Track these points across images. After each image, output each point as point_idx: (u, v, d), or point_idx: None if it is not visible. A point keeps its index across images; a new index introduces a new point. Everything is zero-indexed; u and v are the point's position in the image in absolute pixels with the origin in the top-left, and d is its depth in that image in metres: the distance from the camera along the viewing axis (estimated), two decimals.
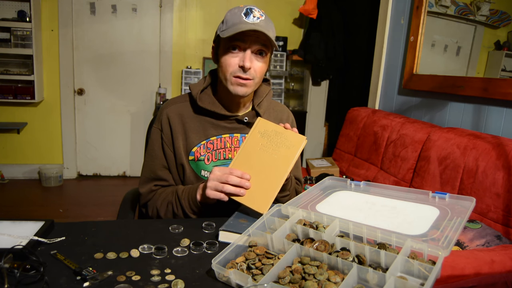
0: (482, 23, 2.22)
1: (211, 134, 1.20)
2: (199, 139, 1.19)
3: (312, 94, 4.18)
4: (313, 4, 3.66)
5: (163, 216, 1.17)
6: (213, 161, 1.19)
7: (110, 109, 3.94)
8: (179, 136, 1.19)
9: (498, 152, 1.55)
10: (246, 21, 1.06)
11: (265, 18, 1.09)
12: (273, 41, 1.09)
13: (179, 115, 1.21)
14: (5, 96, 3.45)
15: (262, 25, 1.07)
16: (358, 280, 0.70)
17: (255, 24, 1.06)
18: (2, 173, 3.72)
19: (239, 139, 1.21)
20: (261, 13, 1.10)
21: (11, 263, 0.73)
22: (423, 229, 0.80)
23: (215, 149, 1.19)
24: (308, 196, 1.03)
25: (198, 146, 1.19)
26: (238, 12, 1.09)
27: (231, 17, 1.09)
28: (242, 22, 1.06)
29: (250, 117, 1.21)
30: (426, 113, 2.38)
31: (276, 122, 1.27)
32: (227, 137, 1.21)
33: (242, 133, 1.22)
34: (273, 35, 1.11)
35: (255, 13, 1.08)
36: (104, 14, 3.75)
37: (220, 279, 0.76)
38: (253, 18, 1.07)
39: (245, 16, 1.07)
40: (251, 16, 1.07)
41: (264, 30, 1.06)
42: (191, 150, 1.19)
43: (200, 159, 1.19)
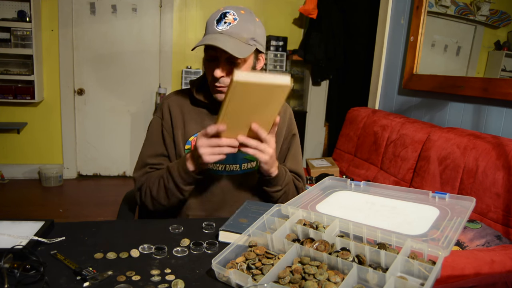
0: (482, 23, 2.22)
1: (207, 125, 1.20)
2: (197, 129, 1.22)
3: (312, 94, 4.18)
4: (313, 4, 3.66)
5: (155, 195, 1.15)
6: None
7: (110, 109, 3.94)
8: (178, 125, 1.22)
9: (498, 152, 1.55)
10: (216, 29, 1.08)
11: (238, 22, 1.08)
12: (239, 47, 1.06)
13: (179, 105, 1.24)
14: (5, 96, 3.45)
15: (231, 31, 1.07)
16: (358, 280, 0.70)
17: (222, 32, 1.07)
18: (2, 173, 3.72)
19: None
20: (236, 16, 1.09)
21: (11, 263, 0.73)
22: (423, 229, 0.80)
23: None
24: (308, 196, 1.03)
25: (195, 136, 1.21)
26: (213, 17, 1.11)
27: (208, 22, 1.13)
28: (211, 31, 1.09)
29: None
30: (426, 113, 2.38)
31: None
32: None
33: None
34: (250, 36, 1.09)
35: (228, 17, 1.09)
36: (104, 14, 3.75)
37: (220, 279, 0.76)
38: (223, 25, 1.08)
39: (217, 23, 1.09)
40: (222, 23, 1.08)
41: (225, 40, 1.05)
42: (188, 139, 1.22)
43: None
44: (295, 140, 1.35)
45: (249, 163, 1.25)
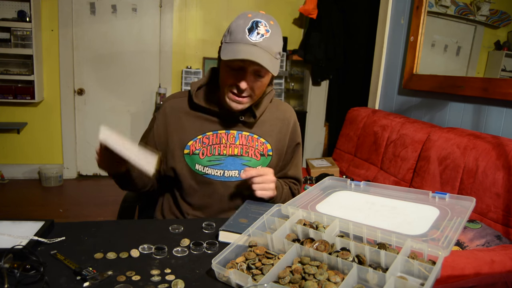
0: (482, 23, 2.22)
1: (207, 129, 1.21)
2: (195, 133, 1.20)
3: (312, 94, 4.18)
4: (313, 4, 3.66)
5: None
6: (207, 155, 1.19)
7: (110, 109, 3.94)
8: (173, 131, 1.21)
9: (498, 152, 1.55)
10: (249, 39, 1.04)
11: (271, 34, 1.06)
12: (271, 62, 1.06)
13: (176, 109, 1.23)
14: (5, 96, 3.45)
15: (264, 44, 1.04)
16: (358, 280, 0.70)
17: (256, 44, 1.04)
18: (2, 173, 3.72)
19: (235, 135, 1.21)
20: (269, 27, 1.06)
21: (11, 263, 0.73)
22: (423, 229, 0.80)
23: (210, 144, 1.20)
24: (308, 196, 1.03)
25: (194, 140, 1.20)
26: (243, 25, 1.06)
27: (235, 28, 1.07)
28: (243, 41, 1.04)
29: (247, 116, 1.21)
30: (426, 113, 2.38)
31: (278, 121, 1.27)
32: (223, 133, 1.20)
33: (238, 131, 1.21)
34: (278, 50, 1.09)
35: (261, 28, 1.05)
36: (104, 14, 3.75)
37: (220, 279, 0.76)
38: (256, 36, 1.04)
39: (249, 32, 1.04)
40: (254, 33, 1.04)
41: (261, 54, 1.03)
42: (186, 144, 1.20)
43: (195, 153, 1.20)
44: (298, 149, 1.34)
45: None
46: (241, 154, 1.21)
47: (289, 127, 1.30)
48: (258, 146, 1.23)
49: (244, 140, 1.22)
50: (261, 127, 1.25)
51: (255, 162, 1.22)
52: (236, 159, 1.21)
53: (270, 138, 1.25)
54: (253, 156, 1.22)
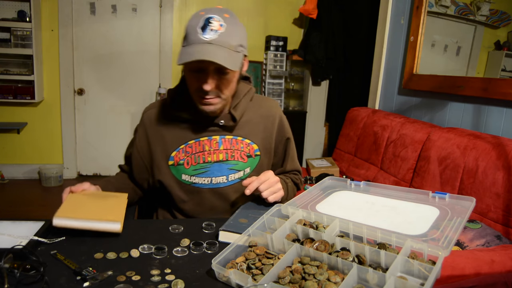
0: (482, 23, 2.22)
1: (189, 138, 1.17)
2: (178, 143, 1.17)
3: (312, 94, 4.18)
4: (313, 4, 3.66)
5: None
6: (192, 164, 1.16)
7: (110, 109, 3.94)
8: (155, 143, 1.19)
9: (498, 152, 1.55)
10: (202, 38, 0.99)
11: (225, 29, 1.00)
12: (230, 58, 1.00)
13: (155, 120, 1.20)
14: (5, 96, 3.45)
15: (220, 40, 0.99)
16: (358, 280, 0.70)
17: (211, 41, 0.98)
18: (2, 173, 3.72)
19: (218, 141, 1.17)
20: (222, 22, 1.00)
21: (11, 263, 0.73)
22: (423, 229, 0.80)
23: (193, 152, 1.16)
24: (308, 196, 1.03)
25: (177, 151, 1.17)
26: (195, 25, 1.01)
27: (189, 30, 1.02)
28: (196, 41, 0.99)
29: (226, 120, 1.16)
30: (426, 113, 2.38)
31: (262, 119, 1.23)
32: (206, 140, 1.17)
33: (221, 135, 1.18)
34: (238, 43, 1.04)
35: (214, 24, 0.99)
36: (104, 14, 3.75)
37: (220, 279, 0.76)
38: (210, 33, 0.99)
39: (202, 31, 0.99)
40: (207, 31, 0.99)
41: (215, 53, 0.97)
42: (170, 155, 1.17)
43: (179, 163, 1.17)
44: (290, 142, 1.31)
45: (236, 173, 1.20)
46: (226, 159, 1.17)
47: (275, 123, 1.25)
48: (243, 148, 1.19)
49: (228, 144, 1.18)
50: (245, 128, 1.20)
51: (242, 164, 1.20)
52: (222, 164, 1.18)
53: (256, 137, 1.22)
54: (239, 159, 1.19)
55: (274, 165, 1.31)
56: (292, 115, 4.09)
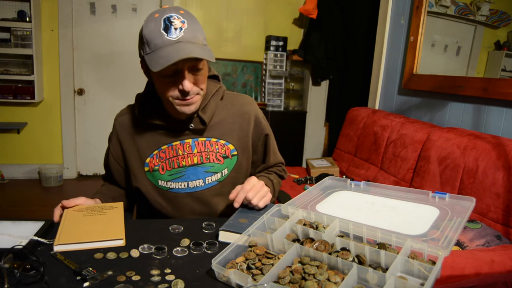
0: (482, 23, 2.22)
1: (161, 143, 1.14)
2: (151, 149, 1.15)
3: (312, 94, 4.18)
4: (313, 4, 3.66)
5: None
6: (167, 170, 1.15)
7: (110, 109, 3.93)
8: (129, 149, 1.17)
9: (498, 152, 1.55)
10: (169, 38, 0.94)
11: (187, 24, 0.97)
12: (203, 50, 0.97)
13: (126, 127, 1.18)
14: (5, 96, 3.45)
15: (187, 36, 0.96)
16: (358, 280, 0.70)
17: (180, 40, 0.95)
18: (2, 173, 3.72)
19: (191, 144, 1.14)
20: (182, 18, 0.97)
21: (11, 263, 0.73)
22: (423, 229, 0.80)
23: (167, 158, 1.14)
24: (308, 196, 1.03)
25: (151, 157, 1.15)
26: (155, 28, 0.95)
27: (150, 35, 0.96)
28: (165, 44, 0.94)
29: (196, 123, 1.13)
30: (426, 113, 2.38)
31: (236, 117, 1.19)
32: (178, 144, 1.14)
33: (193, 138, 1.15)
34: (202, 36, 1.01)
35: (175, 22, 0.95)
36: (104, 14, 3.75)
37: (220, 279, 0.76)
38: (175, 32, 0.94)
39: (166, 32, 0.94)
40: (172, 30, 0.95)
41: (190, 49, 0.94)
42: (145, 161, 1.15)
43: (155, 169, 1.15)
44: (269, 138, 1.26)
45: (213, 176, 1.17)
46: (201, 162, 1.15)
47: (251, 121, 1.21)
48: (218, 149, 1.16)
49: (201, 146, 1.15)
50: (218, 129, 1.17)
51: (219, 166, 1.17)
52: (198, 168, 1.15)
53: (231, 137, 1.18)
54: (215, 161, 1.16)
55: (255, 163, 1.27)
56: (292, 115, 4.09)
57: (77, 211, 1.04)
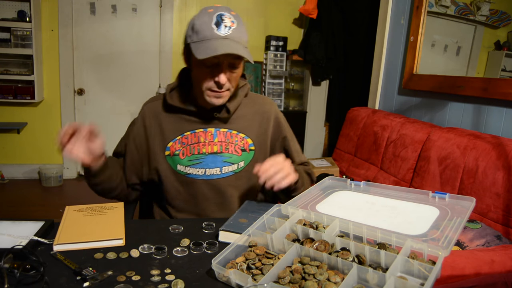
0: (482, 23, 2.22)
1: (185, 129, 1.20)
2: (174, 134, 1.20)
3: (312, 94, 4.18)
4: (313, 4, 3.66)
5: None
6: (187, 155, 1.19)
7: (110, 109, 3.94)
8: (153, 134, 1.22)
9: (498, 152, 1.55)
10: (218, 34, 1.03)
11: (237, 25, 1.05)
12: (245, 50, 1.05)
13: (154, 112, 1.23)
14: (5, 96, 3.45)
15: (234, 35, 1.04)
16: (358, 280, 0.70)
17: (227, 37, 1.03)
18: (2, 173, 3.72)
19: (213, 133, 1.20)
20: (233, 18, 1.06)
21: (11, 263, 0.73)
22: (423, 229, 0.80)
23: (189, 144, 1.19)
24: (308, 196, 1.03)
25: (174, 141, 1.20)
26: (208, 21, 1.04)
27: (201, 26, 1.05)
28: (213, 37, 1.03)
29: (221, 112, 1.19)
30: (426, 113, 2.38)
31: (257, 115, 1.26)
32: (201, 131, 1.20)
33: (216, 128, 1.21)
34: (246, 39, 1.09)
35: (226, 21, 1.04)
36: (104, 14, 3.75)
37: (220, 279, 0.76)
38: (225, 29, 1.03)
39: (216, 27, 1.03)
40: (222, 26, 1.03)
41: (235, 45, 1.02)
42: (166, 146, 1.20)
43: (175, 154, 1.20)
44: (289, 140, 1.30)
45: (230, 166, 1.21)
46: (220, 151, 1.20)
47: (270, 120, 1.27)
48: (238, 141, 1.22)
49: (223, 136, 1.20)
50: (239, 122, 1.23)
51: (236, 158, 1.22)
52: (217, 156, 1.20)
53: (250, 132, 1.24)
54: (233, 152, 1.21)
55: None
56: (292, 115, 4.09)
57: (77, 211, 1.04)
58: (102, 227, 0.95)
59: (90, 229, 0.93)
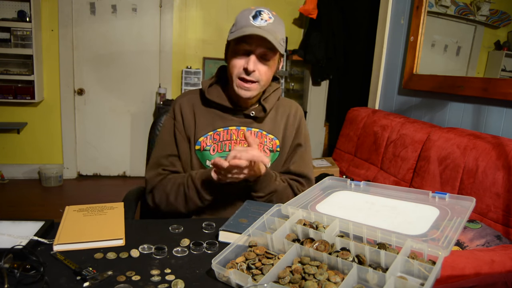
0: (482, 23, 2.22)
1: (218, 126, 1.22)
2: (207, 129, 1.22)
3: (312, 94, 4.18)
4: (313, 4, 3.66)
5: (173, 201, 1.17)
6: (218, 152, 1.21)
7: (110, 109, 3.94)
8: (189, 125, 1.23)
9: (498, 152, 1.55)
10: (253, 24, 1.08)
11: (274, 21, 1.11)
12: (277, 44, 1.10)
13: (190, 105, 1.25)
14: (5, 96, 3.45)
15: (269, 28, 1.08)
16: (358, 280, 0.70)
17: (261, 27, 1.08)
18: (2, 173, 3.72)
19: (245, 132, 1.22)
20: (271, 15, 1.11)
21: (11, 263, 0.73)
22: (423, 229, 0.80)
23: (221, 140, 1.22)
24: (308, 196, 1.03)
25: (205, 137, 1.22)
26: (247, 15, 1.11)
27: (240, 19, 1.12)
28: (248, 25, 1.08)
29: (257, 111, 1.23)
30: (426, 113, 2.38)
31: (284, 117, 1.30)
32: (234, 129, 1.23)
33: (248, 127, 1.24)
34: (281, 37, 1.13)
35: (264, 15, 1.10)
36: (104, 14, 3.75)
37: (220, 279, 0.76)
38: (260, 21, 1.09)
39: (253, 19, 1.09)
40: (258, 19, 1.09)
41: (267, 34, 1.07)
42: (198, 140, 1.22)
43: (206, 149, 1.21)
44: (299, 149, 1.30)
45: None
46: None
47: (294, 125, 1.31)
48: (267, 142, 1.25)
49: (253, 136, 1.23)
50: (269, 123, 1.27)
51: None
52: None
53: (278, 134, 1.28)
54: (262, 153, 1.21)
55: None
56: None
57: (77, 211, 1.04)
58: (102, 227, 0.95)
59: (90, 229, 0.93)
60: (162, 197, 1.19)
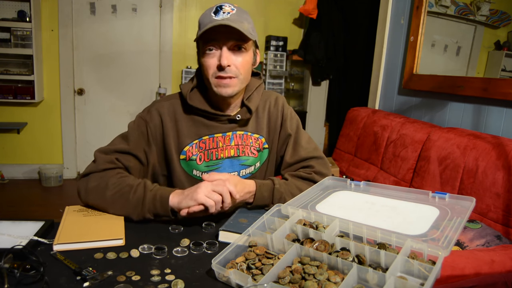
0: (482, 23, 2.22)
1: (203, 134, 1.17)
2: (191, 138, 1.16)
3: (312, 94, 4.18)
4: (313, 4, 3.66)
5: (108, 197, 1.03)
6: (205, 161, 1.17)
7: (110, 109, 3.94)
8: (170, 134, 1.15)
9: (498, 152, 1.55)
10: (216, 18, 1.03)
11: (236, 11, 1.06)
12: (246, 32, 1.04)
13: (171, 112, 1.17)
14: (5, 96, 3.45)
15: (232, 18, 1.03)
16: (358, 280, 0.70)
17: (223, 19, 1.03)
18: (2, 173, 3.72)
19: (231, 136, 1.18)
20: (233, 7, 1.07)
21: (11, 263, 0.73)
22: (423, 229, 0.80)
23: (207, 148, 1.17)
24: (308, 196, 1.03)
25: (190, 146, 1.16)
26: (208, 12, 1.07)
27: (203, 18, 1.08)
28: (212, 21, 1.03)
29: (242, 113, 1.17)
30: (426, 113, 2.38)
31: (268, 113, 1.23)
32: (220, 136, 1.17)
33: (233, 131, 1.18)
34: (249, 26, 1.08)
35: (225, 8, 1.06)
36: (104, 14, 3.75)
37: (220, 279, 0.76)
38: (223, 14, 1.04)
39: (215, 15, 1.05)
40: (220, 13, 1.05)
41: (232, 23, 1.02)
42: (182, 149, 1.16)
43: (192, 159, 1.16)
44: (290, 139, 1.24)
45: (247, 169, 1.21)
46: (237, 154, 1.18)
47: (278, 113, 1.24)
48: (253, 142, 1.21)
49: (239, 139, 1.19)
50: (253, 123, 1.22)
51: (253, 159, 1.21)
52: (234, 160, 1.18)
53: (262, 131, 1.23)
54: (249, 154, 1.20)
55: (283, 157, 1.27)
56: None
57: (77, 211, 1.04)
58: (102, 227, 0.95)
59: (90, 229, 0.93)
60: (99, 185, 1.06)
